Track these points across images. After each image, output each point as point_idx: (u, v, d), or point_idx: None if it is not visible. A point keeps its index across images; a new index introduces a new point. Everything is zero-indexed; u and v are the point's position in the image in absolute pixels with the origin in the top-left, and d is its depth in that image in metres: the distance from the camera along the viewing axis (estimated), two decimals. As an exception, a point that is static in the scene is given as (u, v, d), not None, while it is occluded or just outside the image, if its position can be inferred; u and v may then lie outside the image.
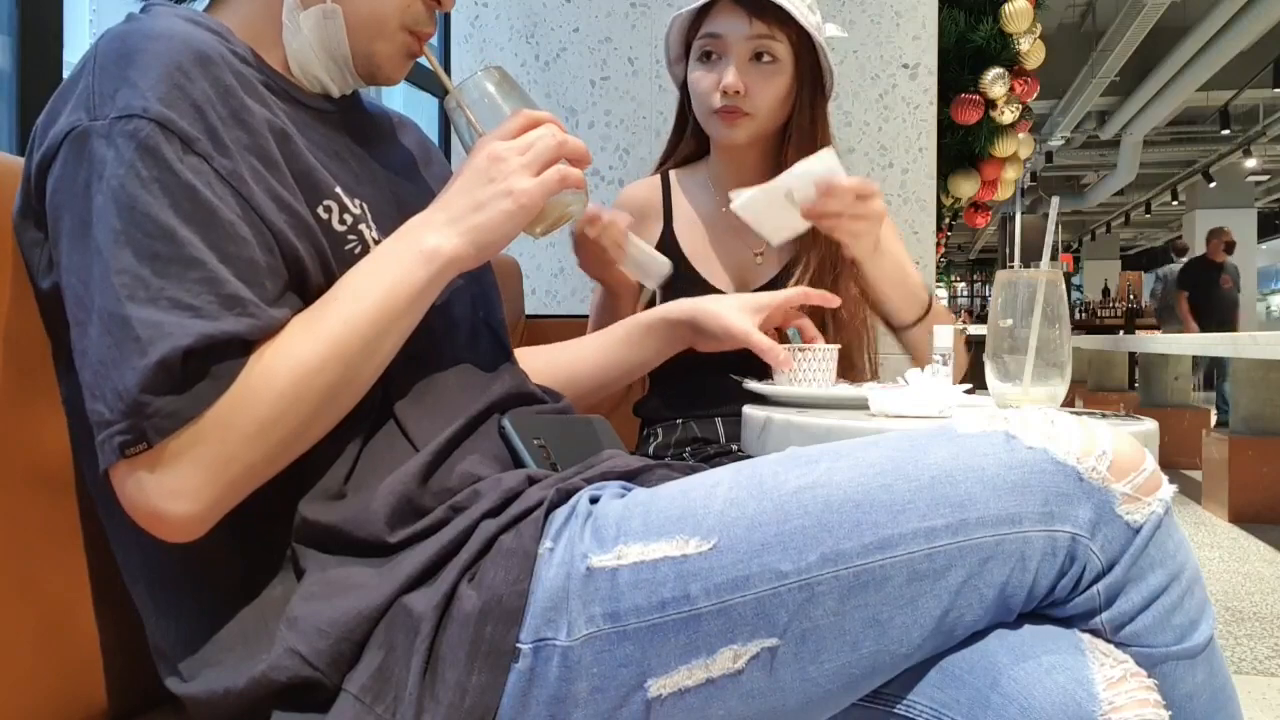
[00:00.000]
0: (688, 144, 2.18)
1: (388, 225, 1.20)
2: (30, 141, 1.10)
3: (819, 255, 1.97)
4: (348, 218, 1.17)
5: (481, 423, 1.23)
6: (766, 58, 1.93)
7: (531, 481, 1.14)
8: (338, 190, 1.17)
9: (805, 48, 1.96)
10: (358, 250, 1.16)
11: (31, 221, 1.09)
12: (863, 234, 1.79)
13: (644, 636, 0.95)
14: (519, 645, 0.97)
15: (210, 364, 0.98)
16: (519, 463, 1.22)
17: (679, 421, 2.04)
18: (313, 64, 1.25)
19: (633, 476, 1.21)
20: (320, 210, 1.14)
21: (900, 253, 1.95)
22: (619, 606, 0.96)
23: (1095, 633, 0.95)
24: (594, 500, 1.09)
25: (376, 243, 1.18)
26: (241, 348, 1.01)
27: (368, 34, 1.26)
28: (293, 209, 1.10)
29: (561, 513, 1.07)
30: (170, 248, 0.99)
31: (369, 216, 1.19)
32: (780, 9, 1.88)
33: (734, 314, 1.63)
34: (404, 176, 1.38)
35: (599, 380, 1.70)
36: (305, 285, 1.11)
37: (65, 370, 1.11)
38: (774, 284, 2.03)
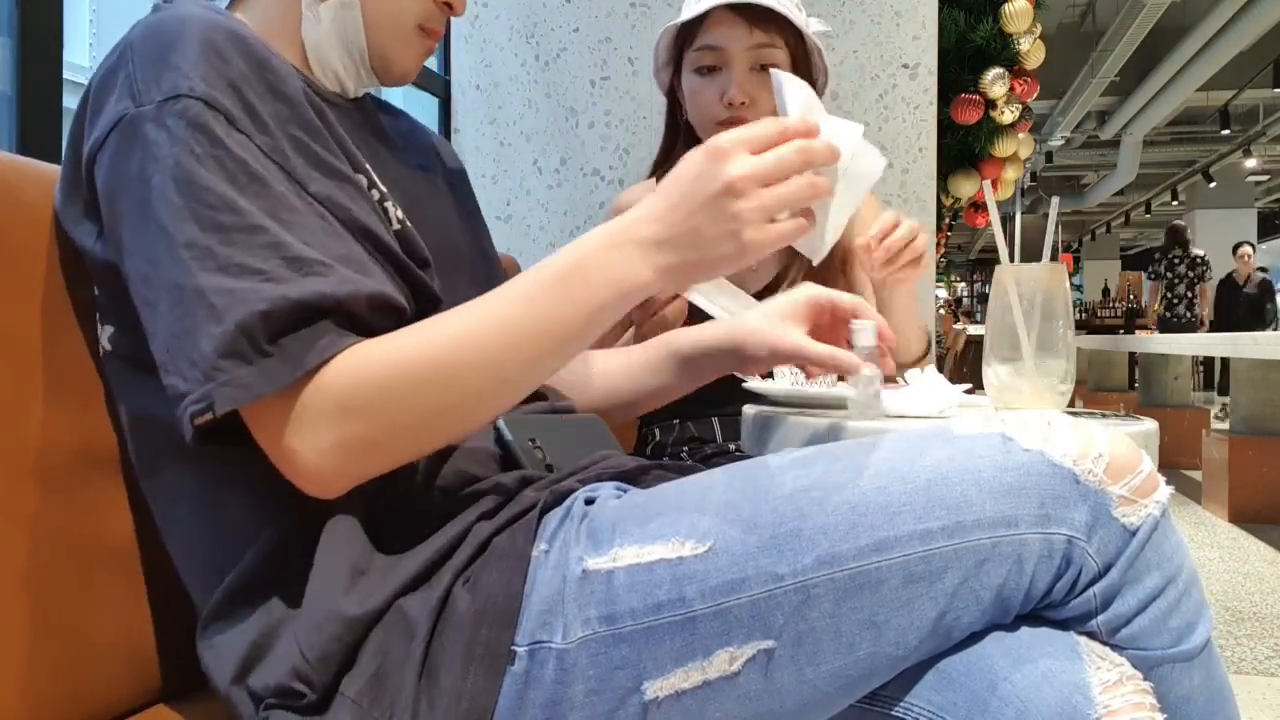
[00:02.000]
0: (680, 149, 2.17)
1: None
2: (73, 138, 1.11)
3: (810, 271, 1.97)
4: (374, 193, 1.18)
5: None
6: (767, 64, 1.93)
7: (526, 483, 1.14)
8: (367, 166, 1.19)
9: (802, 51, 1.96)
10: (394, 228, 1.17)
11: (79, 213, 1.10)
12: (909, 280, 1.79)
13: (640, 639, 0.95)
14: (514, 648, 0.97)
15: (290, 327, 0.98)
16: (514, 463, 1.22)
17: (675, 421, 2.04)
18: (330, 57, 1.27)
19: (628, 477, 1.21)
20: (360, 176, 1.16)
21: (912, 288, 1.93)
22: (615, 609, 0.96)
23: (1092, 635, 0.95)
24: (589, 502, 1.09)
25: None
26: (318, 310, 0.99)
27: (384, 29, 1.28)
28: (340, 172, 1.12)
29: (556, 515, 1.07)
30: (233, 217, 0.99)
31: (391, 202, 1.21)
32: (779, 15, 1.88)
33: (778, 329, 1.41)
34: (420, 177, 1.39)
35: (625, 401, 1.60)
36: (378, 243, 1.12)
37: (125, 355, 1.12)
38: (770, 288, 2.03)
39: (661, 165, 2.21)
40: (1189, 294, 12.62)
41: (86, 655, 1.14)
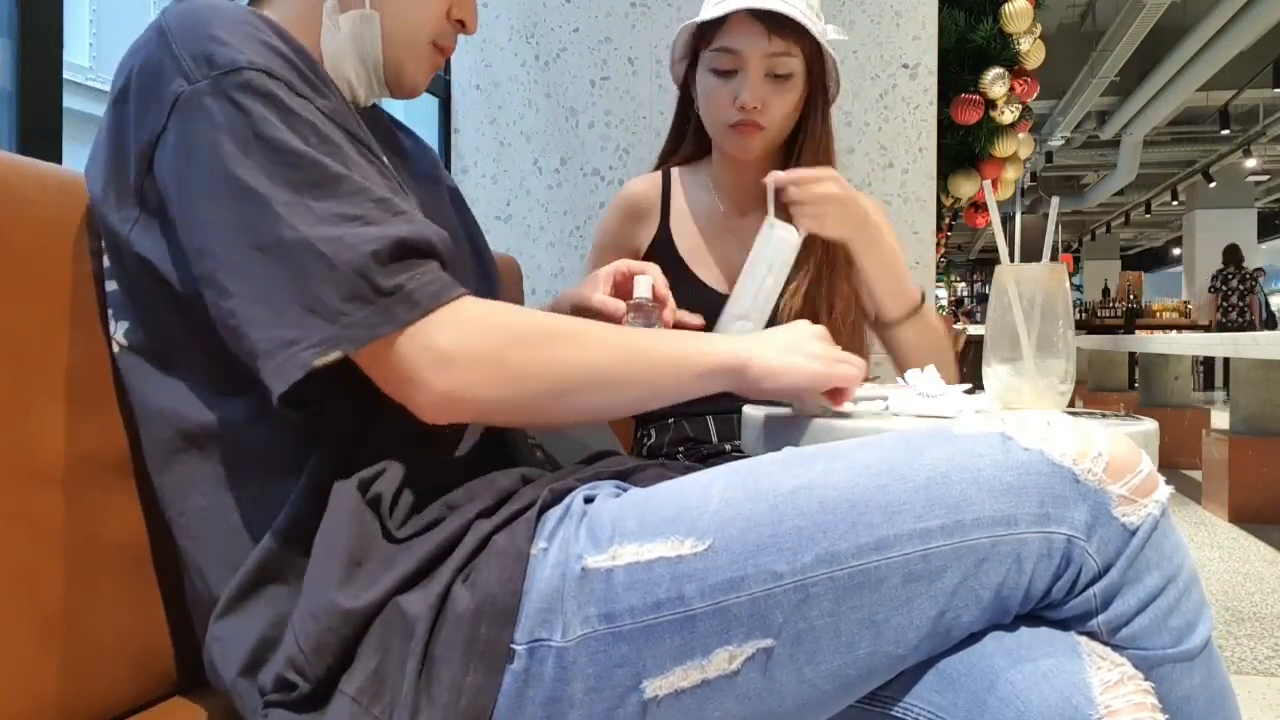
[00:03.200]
0: (689, 145, 2.18)
1: None
2: (114, 127, 1.13)
3: (816, 259, 1.97)
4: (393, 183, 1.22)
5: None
6: (783, 71, 1.93)
7: (525, 481, 1.14)
8: (384, 160, 1.23)
9: (816, 59, 1.96)
10: None
11: (120, 199, 1.12)
12: (823, 215, 1.82)
13: (639, 637, 0.95)
14: (514, 646, 0.97)
15: (400, 266, 1.05)
16: (513, 462, 1.22)
17: (671, 422, 2.04)
18: (345, 66, 1.29)
19: (627, 476, 1.21)
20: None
21: (894, 249, 1.95)
22: (614, 607, 0.96)
23: (1092, 635, 0.95)
24: (588, 500, 1.09)
25: None
26: (419, 248, 1.08)
27: (400, 43, 1.32)
28: (374, 148, 1.18)
29: (555, 513, 1.07)
30: (316, 171, 1.05)
31: None
32: (799, 24, 1.88)
33: (585, 290, 1.71)
34: (429, 188, 1.44)
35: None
36: None
37: (141, 348, 1.14)
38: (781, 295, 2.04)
39: (669, 157, 2.21)
40: (1241, 303, 15.19)
41: (86, 656, 1.14)
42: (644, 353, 1.19)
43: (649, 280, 1.66)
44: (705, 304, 1.87)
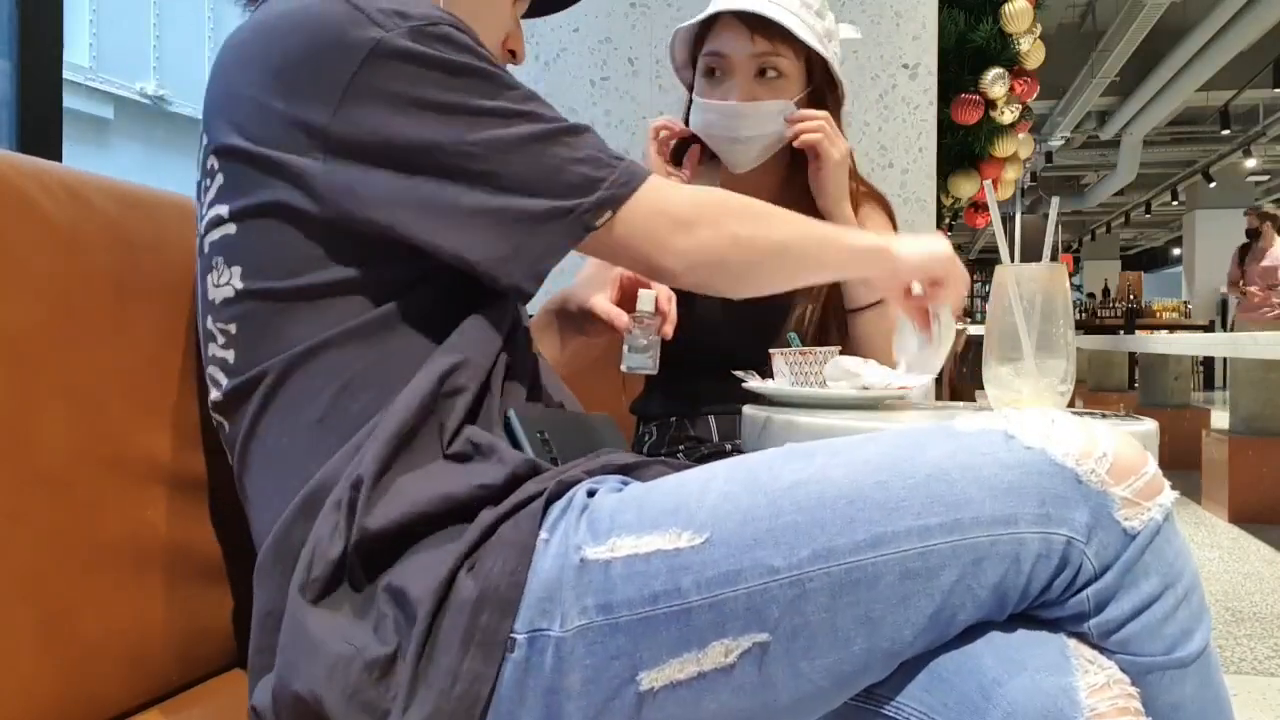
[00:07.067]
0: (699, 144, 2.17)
1: None
2: (276, 79, 1.15)
3: (820, 295, 2.00)
4: None
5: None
6: (771, 72, 1.92)
7: (533, 472, 1.15)
8: None
9: (815, 58, 1.95)
10: None
11: (276, 144, 1.14)
12: (816, 142, 1.95)
13: (636, 629, 0.95)
14: (514, 635, 0.97)
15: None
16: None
17: (672, 420, 2.04)
18: None
19: (630, 470, 1.22)
20: None
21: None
22: (611, 598, 0.96)
23: (1083, 637, 0.95)
24: (590, 494, 1.09)
25: None
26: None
27: None
28: None
29: (559, 505, 1.07)
30: (522, 90, 1.20)
31: None
32: (781, 27, 1.87)
33: (591, 293, 1.80)
34: None
35: None
36: None
37: (258, 290, 1.17)
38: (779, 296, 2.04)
39: (678, 157, 2.19)
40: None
41: (86, 656, 1.14)
42: (818, 234, 1.40)
43: (653, 295, 1.73)
44: (707, 315, 1.88)
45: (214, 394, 1.21)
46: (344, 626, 1.02)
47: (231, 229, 1.17)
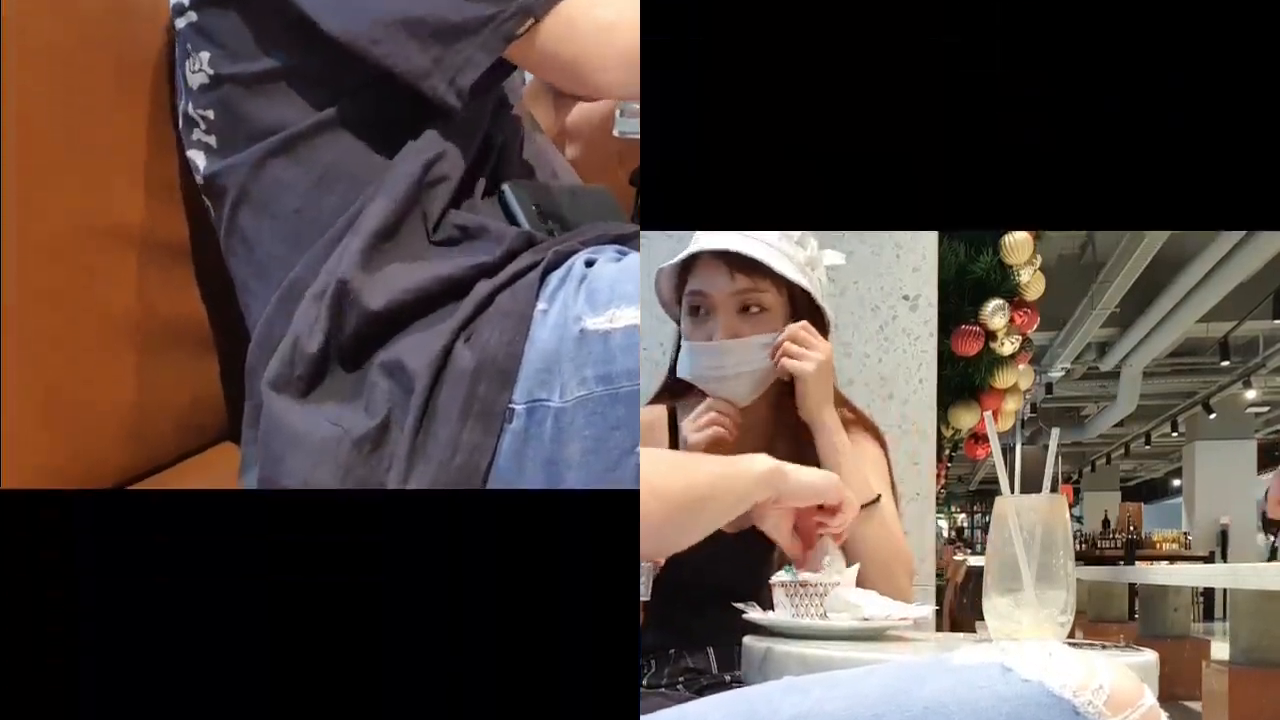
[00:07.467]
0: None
1: None
2: None
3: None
4: None
5: None
6: (755, 308, 1.94)
7: (529, 243, 1.14)
8: None
9: (799, 291, 1.98)
10: None
11: None
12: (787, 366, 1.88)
13: (635, 399, 0.94)
14: (512, 405, 0.96)
15: None
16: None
17: (671, 652, 2.02)
18: None
19: (627, 240, 1.21)
20: None
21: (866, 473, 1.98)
22: (611, 369, 0.95)
23: None
24: (589, 263, 1.08)
25: None
26: None
27: None
28: None
29: (557, 275, 1.07)
30: None
31: None
32: (761, 264, 1.91)
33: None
34: None
35: None
36: None
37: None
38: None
39: (665, 392, 2.20)
40: None
41: (89, 422, 1.18)
42: None
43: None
44: (702, 546, 1.88)
45: (198, 179, 1.23)
46: (330, 411, 1.02)
47: (193, 16, 1.20)
